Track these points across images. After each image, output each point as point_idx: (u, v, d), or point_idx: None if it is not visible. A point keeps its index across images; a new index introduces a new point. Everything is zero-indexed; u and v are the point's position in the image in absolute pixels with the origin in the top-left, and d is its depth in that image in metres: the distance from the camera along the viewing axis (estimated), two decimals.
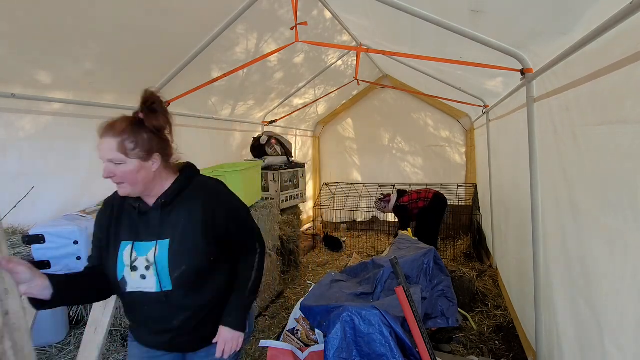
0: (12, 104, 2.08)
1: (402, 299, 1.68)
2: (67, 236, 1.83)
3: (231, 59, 3.20)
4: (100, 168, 1.16)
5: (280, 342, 1.87)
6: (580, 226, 1.50)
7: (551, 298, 1.94)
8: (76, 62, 2.22)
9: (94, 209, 2.27)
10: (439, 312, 2.56)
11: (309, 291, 2.29)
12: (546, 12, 1.60)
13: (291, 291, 3.99)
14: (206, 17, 2.59)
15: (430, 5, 2.21)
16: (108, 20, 2.06)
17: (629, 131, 1.10)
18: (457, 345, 2.74)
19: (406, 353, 1.73)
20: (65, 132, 2.39)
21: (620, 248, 1.17)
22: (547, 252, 2.04)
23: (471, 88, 3.81)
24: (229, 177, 2.94)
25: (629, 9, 1.04)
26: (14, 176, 2.10)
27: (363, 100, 6.60)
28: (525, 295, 2.52)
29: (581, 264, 1.49)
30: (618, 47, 1.16)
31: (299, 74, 4.43)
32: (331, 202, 6.44)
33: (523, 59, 2.11)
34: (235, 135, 4.57)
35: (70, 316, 1.88)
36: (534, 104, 2.13)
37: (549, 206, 1.97)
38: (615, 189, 1.20)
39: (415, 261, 2.61)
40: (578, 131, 1.50)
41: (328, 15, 3.41)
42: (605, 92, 1.27)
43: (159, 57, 2.68)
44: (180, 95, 2.94)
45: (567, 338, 1.70)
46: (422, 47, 3.24)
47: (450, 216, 5.63)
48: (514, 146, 2.84)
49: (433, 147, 6.19)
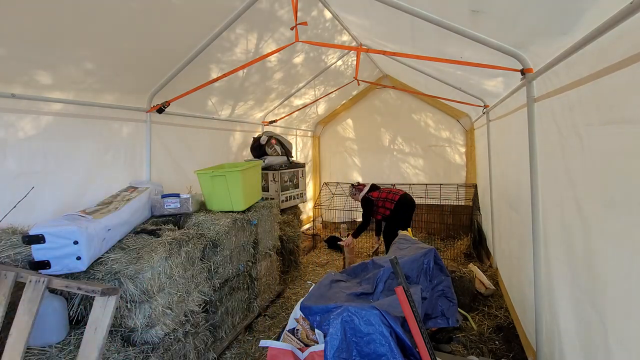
0: (12, 104, 2.08)
1: (402, 299, 1.67)
2: (67, 236, 1.83)
3: (231, 59, 3.20)
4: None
5: (280, 342, 1.87)
6: (585, 226, 1.49)
7: (552, 298, 1.94)
8: (76, 62, 2.22)
9: (94, 209, 2.27)
10: (439, 312, 2.56)
11: (309, 291, 2.29)
12: (546, 12, 1.60)
13: (291, 291, 3.99)
14: (206, 17, 2.59)
15: (430, 5, 2.21)
16: (108, 21, 2.06)
17: (634, 130, 1.10)
18: (457, 345, 2.74)
19: (406, 353, 1.73)
20: (65, 132, 2.39)
21: (627, 248, 1.17)
22: (548, 252, 2.04)
23: (471, 88, 3.81)
24: (229, 177, 2.94)
25: (629, 9, 1.04)
26: (14, 176, 2.09)
27: (363, 100, 6.60)
28: (526, 295, 2.52)
29: (586, 264, 1.48)
30: (620, 46, 1.16)
31: (299, 74, 4.43)
32: (331, 202, 6.44)
33: (523, 59, 2.11)
34: (235, 135, 4.57)
35: (70, 316, 1.88)
36: (534, 104, 2.13)
37: (551, 206, 1.97)
38: (621, 188, 1.20)
39: (415, 261, 2.61)
40: (582, 131, 1.49)
41: (328, 15, 3.41)
42: (609, 91, 1.26)
43: (159, 57, 2.68)
44: (180, 95, 2.94)
45: (569, 338, 1.70)
46: (422, 47, 3.24)
47: (451, 216, 5.63)
48: (515, 146, 2.84)
49: (433, 147, 6.19)
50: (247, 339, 3.02)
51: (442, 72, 3.82)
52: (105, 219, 2.11)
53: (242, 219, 2.99)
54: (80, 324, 1.90)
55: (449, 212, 5.63)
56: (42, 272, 1.78)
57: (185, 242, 2.30)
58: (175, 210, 2.87)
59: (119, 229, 2.24)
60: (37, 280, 1.61)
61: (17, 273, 1.64)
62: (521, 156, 2.46)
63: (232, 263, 2.88)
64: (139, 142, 3.04)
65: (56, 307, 1.77)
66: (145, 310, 1.96)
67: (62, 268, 1.84)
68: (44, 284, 1.60)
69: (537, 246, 2.14)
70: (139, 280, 1.92)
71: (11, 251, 1.81)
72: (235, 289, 2.99)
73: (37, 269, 1.81)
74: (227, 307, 2.87)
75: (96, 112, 2.60)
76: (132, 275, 1.90)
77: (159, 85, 2.96)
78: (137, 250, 2.10)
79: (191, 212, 2.92)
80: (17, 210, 2.01)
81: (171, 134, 3.42)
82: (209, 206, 3.09)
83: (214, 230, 2.69)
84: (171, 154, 3.43)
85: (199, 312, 2.43)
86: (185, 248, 2.29)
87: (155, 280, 2.00)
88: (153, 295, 1.99)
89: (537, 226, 2.13)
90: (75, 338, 1.77)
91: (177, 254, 2.21)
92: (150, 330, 2.00)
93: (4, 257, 1.77)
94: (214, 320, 2.69)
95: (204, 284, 2.50)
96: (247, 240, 3.09)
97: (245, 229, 3.04)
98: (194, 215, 2.90)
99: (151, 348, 2.00)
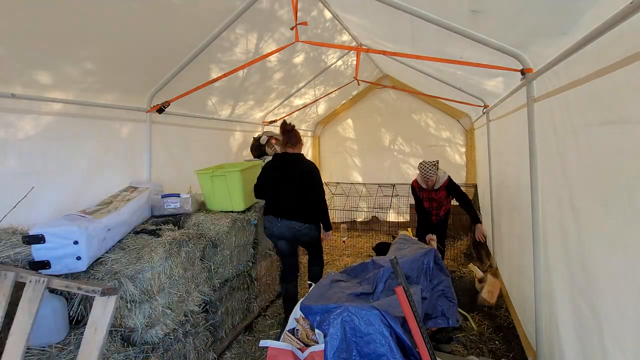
0: (12, 104, 2.08)
1: (402, 299, 1.67)
2: (67, 236, 1.83)
3: (231, 59, 3.20)
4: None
5: (280, 342, 1.87)
6: (580, 226, 1.50)
7: (552, 298, 1.94)
8: (76, 62, 2.22)
9: (94, 208, 2.27)
10: (439, 312, 2.56)
11: (309, 291, 2.29)
12: (546, 12, 1.60)
13: None
14: (206, 17, 2.59)
15: (430, 5, 2.21)
16: (108, 20, 2.06)
17: (631, 131, 1.10)
18: (457, 345, 2.74)
19: (406, 353, 1.73)
20: (65, 132, 2.39)
21: (620, 248, 1.17)
22: (547, 252, 2.04)
23: (471, 88, 3.81)
24: (229, 177, 2.94)
25: (629, 9, 1.04)
26: (14, 176, 2.09)
27: (363, 100, 6.60)
28: (526, 295, 2.52)
29: (581, 264, 1.49)
30: (619, 46, 1.16)
31: (299, 74, 4.43)
32: (331, 202, 6.43)
33: (523, 59, 2.11)
34: (235, 135, 4.57)
35: (70, 316, 1.88)
36: (534, 104, 2.13)
37: (550, 206, 1.97)
38: (616, 188, 1.20)
39: (415, 261, 2.61)
40: (579, 131, 1.50)
41: (328, 15, 3.41)
42: (607, 91, 1.26)
43: (159, 57, 2.68)
44: (180, 95, 2.94)
45: (568, 338, 1.70)
46: (422, 47, 3.24)
47: (451, 216, 5.62)
48: (514, 146, 2.84)
49: (433, 147, 6.19)
50: (247, 339, 3.02)
51: (442, 72, 3.82)
52: (105, 219, 2.11)
53: (242, 219, 2.99)
54: (80, 324, 1.90)
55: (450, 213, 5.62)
56: (42, 272, 1.78)
57: (185, 242, 2.30)
58: (175, 210, 2.87)
59: (119, 229, 2.24)
60: (37, 280, 1.61)
61: (17, 273, 1.64)
62: (521, 156, 2.46)
63: (232, 263, 2.88)
64: (139, 142, 3.04)
65: (56, 307, 1.77)
66: (145, 310, 1.96)
67: (62, 268, 1.84)
68: (44, 284, 1.60)
69: (537, 246, 2.14)
70: (139, 280, 1.92)
71: (11, 251, 1.81)
72: (235, 289, 2.99)
73: (37, 269, 1.81)
74: (227, 307, 2.87)
75: (96, 112, 2.60)
76: (132, 275, 1.90)
77: (159, 85, 2.96)
78: (137, 250, 2.10)
79: (191, 212, 2.92)
80: (17, 210, 2.01)
81: (171, 134, 3.42)
82: (209, 206, 3.09)
83: (214, 230, 2.69)
84: (171, 154, 3.43)
85: (199, 312, 2.43)
86: (185, 248, 2.29)
87: (155, 280, 2.00)
88: (153, 295, 1.99)
89: (537, 226, 2.13)
90: (75, 338, 1.77)
91: (177, 254, 2.21)
92: (150, 330, 2.00)
93: (4, 257, 1.77)
94: (214, 320, 2.69)
95: (204, 284, 2.50)
96: (247, 240, 3.09)
97: (245, 229, 3.04)
98: (194, 215, 2.90)
99: (151, 348, 2.00)
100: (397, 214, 6.18)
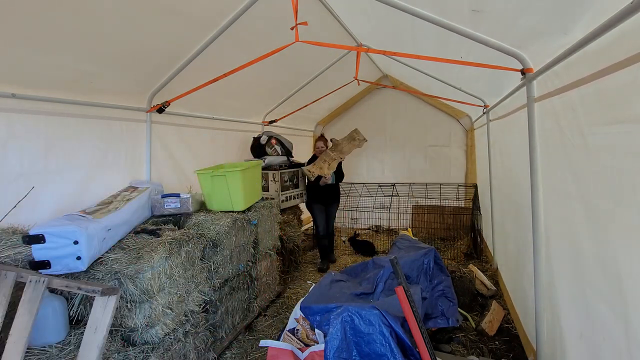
0: (12, 104, 2.08)
1: (402, 299, 1.68)
2: (67, 236, 1.83)
3: (231, 58, 3.20)
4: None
5: (280, 342, 1.87)
6: (598, 226, 1.44)
7: (554, 298, 1.94)
8: (76, 62, 2.22)
9: (94, 208, 2.27)
10: (439, 312, 2.56)
11: (309, 291, 2.29)
12: (546, 12, 1.60)
13: (291, 291, 3.99)
14: (206, 17, 2.59)
15: (430, 5, 2.21)
16: (108, 20, 2.06)
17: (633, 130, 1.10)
18: (457, 345, 2.74)
19: (406, 353, 1.73)
20: (65, 132, 2.39)
21: (634, 247, 1.15)
22: (549, 252, 2.04)
23: (471, 88, 3.81)
24: (229, 177, 2.94)
25: (629, 8, 1.04)
26: (14, 176, 2.09)
27: (363, 100, 6.59)
28: (526, 295, 2.52)
29: (602, 265, 1.41)
30: (621, 46, 1.15)
31: (299, 74, 4.43)
32: None
33: (523, 58, 2.11)
34: (235, 135, 4.57)
35: (70, 316, 1.88)
36: (534, 104, 2.13)
37: (552, 206, 1.96)
38: (621, 188, 1.19)
39: (415, 261, 2.61)
40: (586, 130, 1.48)
41: (328, 15, 3.41)
42: (612, 91, 1.26)
43: (159, 57, 2.68)
44: (180, 95, 2.94)
45: (572, 337, 1.69)
46: (422, 47, 3.24)
47: (451, 216, 5.63)
48: (515, 146, 2.84)
49: (433, 147, 6.19)
50: (247, 339, 3.02)
51: (442, 72, 3.81)
52: (105, 218, 2.11)
53: (242, 219, 2.99)
54: (80, 324, 1.89)
55: (449, 212, 5.63)
56: (42, 272, 1.78)
57: (185, 242, 2.30)
58: (175, 210, 2.86)
59: (119, 228, 2.24)
60: (37, 280, 1.61)
61: (17, 273, 1.64)
62: (521, 156, 2.46)
63: (232, 263, 2.88)
64: (139, 142, 3.03)
65: (56, 307, 1.77)
66: (145, 310, 1.96)
67: (62, 268, 1.84)
68: (44, 284, 1.60)
69: (537, 246, 2.14)
70: (139, 280, 1.92)
71: (11, 251, 1.81)
72: (235, 289, 2.99)
73: (37, 269, 1.81)
74: (227, 307, 2.87)
75: (96, 112, 2.60)
76: (132, 275, 1.90)
77: (159, 85, 2.96)
78: (137, 250, 2.10)
79: (191, 212, 2.92)
80: (18, 210, 2.01)
81: (171, 133, 3.42)
82: (209, 206, 3.09)
83: (214, 230, 2.69)
84: (171, 153, 3.43)
85: (199, 312, 2.43)
86: (185, 248, 2.29)
87: (155, 280, 2.00)
88: (153, 295, 1.99)
89: (537, 226, 2.13)
90: (75, 338, 1.77)
91: (177, 254, 2.21)
92: (150, 330, 2.00)
93: (4, 257, 1.77)
94: (214, 320, 2.69)
95: (204, 284, 2.50)
96: (247, 240, 3.09)
97: (245, 228, 3.04)
98: (194, 215, 2.89)
99: (151, 348, 2.00)
100: (397, 213, 6.18)
